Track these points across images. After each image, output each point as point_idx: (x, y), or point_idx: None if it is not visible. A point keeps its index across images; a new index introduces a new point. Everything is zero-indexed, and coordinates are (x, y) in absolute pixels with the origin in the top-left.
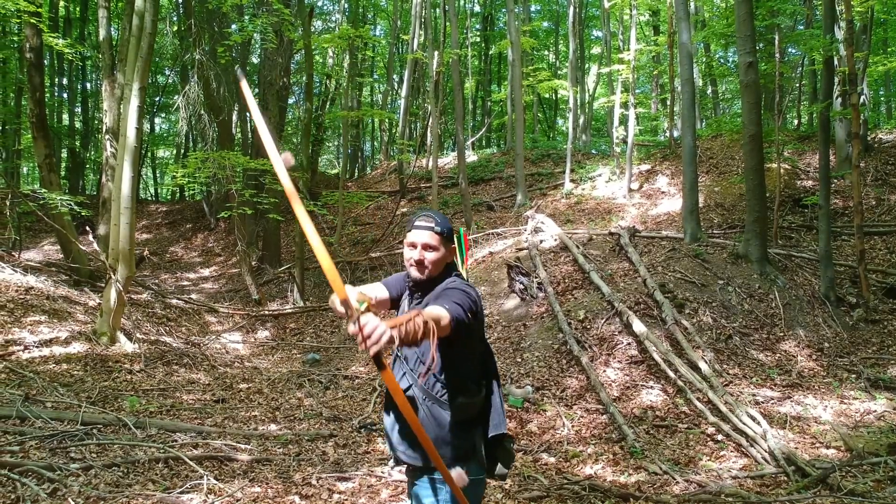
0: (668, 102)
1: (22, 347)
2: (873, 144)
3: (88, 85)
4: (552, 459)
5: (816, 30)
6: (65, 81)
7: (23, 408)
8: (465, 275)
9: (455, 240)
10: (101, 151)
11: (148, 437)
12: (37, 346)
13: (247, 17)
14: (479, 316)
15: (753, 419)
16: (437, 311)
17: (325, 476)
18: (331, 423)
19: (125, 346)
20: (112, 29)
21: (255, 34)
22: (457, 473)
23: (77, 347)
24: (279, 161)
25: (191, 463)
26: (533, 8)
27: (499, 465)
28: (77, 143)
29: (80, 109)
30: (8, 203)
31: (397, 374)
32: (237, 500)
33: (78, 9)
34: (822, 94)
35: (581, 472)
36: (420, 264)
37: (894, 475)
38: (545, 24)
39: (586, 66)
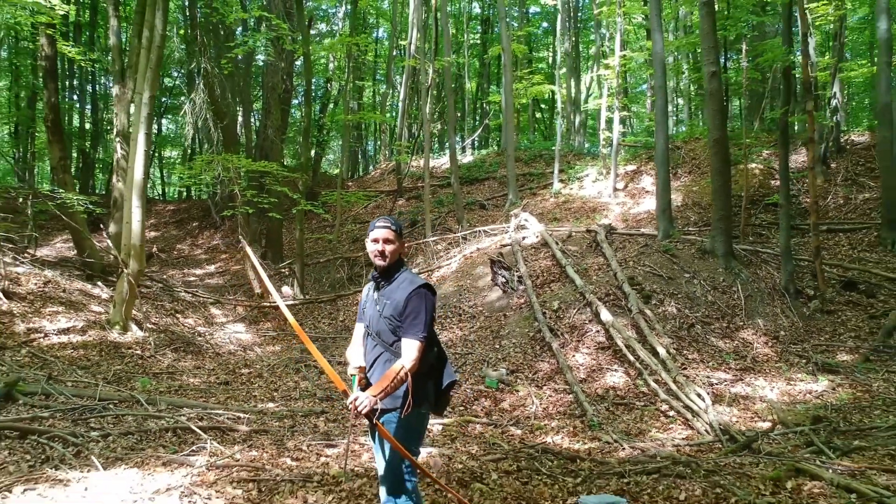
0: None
1: (42, 335)
2: (846, 146)
3: (98, 87)
4: (518, 431)
5: (779, 40)
6: (75, 83)
7: (47, 385)
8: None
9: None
10: (109, 152)
11: (158, 411)
12: (56, 334)
13: (249, 32)
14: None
15: (700, 397)
16: (409, 355)
17: (314, 443)
18: (323, 402)
19: (136, 334)
20: (122, 35)
21: (259, 42)
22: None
23: (92, 335)
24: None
25: (196, 429)
26: (532, 10)
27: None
28: (87, 144)
29: (89, 111)
30: (29, 203)
31: (370, 346)
32: (237, 461)
33: (87, 13)
34: (780, 101)
35: (543, 441)
36: (382, 254)
37: (809, 440)
38: (544, 24)
39: (583, 66)
